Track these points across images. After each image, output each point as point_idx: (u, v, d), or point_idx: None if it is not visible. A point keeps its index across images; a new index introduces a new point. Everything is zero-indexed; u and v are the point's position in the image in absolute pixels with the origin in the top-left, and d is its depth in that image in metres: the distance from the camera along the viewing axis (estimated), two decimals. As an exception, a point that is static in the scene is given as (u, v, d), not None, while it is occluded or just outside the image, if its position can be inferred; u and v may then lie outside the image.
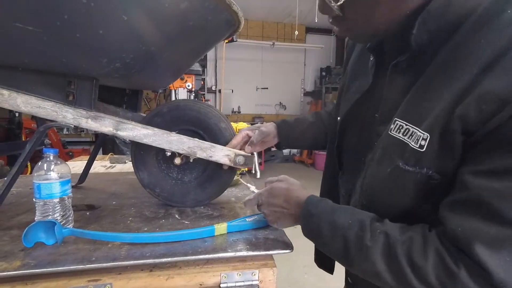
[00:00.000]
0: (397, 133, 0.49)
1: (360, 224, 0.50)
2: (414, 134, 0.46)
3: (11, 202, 0.94)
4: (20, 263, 0.57)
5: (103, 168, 1.64)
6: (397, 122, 0.50)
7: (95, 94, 0.72)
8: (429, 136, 0.44)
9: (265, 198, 0.68)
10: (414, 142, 0.46)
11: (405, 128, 0.48)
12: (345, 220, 0.52)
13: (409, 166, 0.46)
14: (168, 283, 0.60)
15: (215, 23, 0.76)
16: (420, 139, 0.45)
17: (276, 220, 0.67)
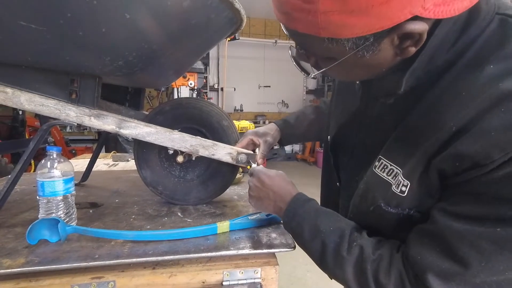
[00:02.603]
0: (381, 171, 0.51)
1: (340, 233, 0.53)
2: (397, 177, 0.48)
3: (15, 199, 0.95)
4: (24, 260, 0.58)
5: (106, 166, 1.64)
6: (382, 160, 0.51)
7: (98, 92, 0.73)
8: (409, 184, 0.46)
9: (259, 176, 0.68)
10: (396, 186, 0.48)
11: (390, 168, 0.49)
12: (327, 226, 0.54)
13: (391, 208, 0.49)
14: (170, 281, 0.60)
15: (218, 21, 0.75)
16: (401, 185, 0.47)
17: (257, 200, 0.68)
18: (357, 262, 0.49)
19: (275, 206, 0.64)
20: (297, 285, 2.31)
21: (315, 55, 0.49)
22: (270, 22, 7.12)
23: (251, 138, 0.86)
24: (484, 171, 0.38)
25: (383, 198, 0.50)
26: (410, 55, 0.43)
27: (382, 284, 0.46)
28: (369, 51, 0.42)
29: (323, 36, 0.41)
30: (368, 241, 0.51)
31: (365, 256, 0.49)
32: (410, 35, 0.40)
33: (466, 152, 0.38)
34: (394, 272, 0.46)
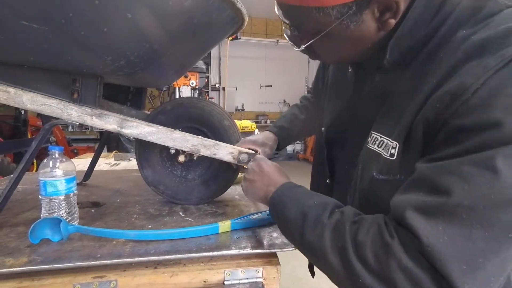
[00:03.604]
0: (373, 145, 0.53)
1: (323, 206, 0.51)
2: (386, 145, 0.49)
3: (17, 199, 0.95)
4: (26, 260, 0.58)
5: (108, 165, 1.65)
6: (373, 134, 0.53)
7: (99, 92, 0.73)
8: (398, 145, 0.47)
9: (260, 162, 0.70)
10: (386, 152, 0.49)
11: (380, 140, 0.51)
12: (311, 202, 0.53)
13: (383, 175, 0.50)
14: (172, 280, 0.61)
15: (219, 20, 0.75)
16: (391, 148, 0.48)
17: (250, 182, 0.69)
18: (335, 225, 0.46)
19: (266, 190, 0.63)
20: (299, 285, 2.31)
21: (306, 31, 0.52)
22: (271, 22, 7.11)
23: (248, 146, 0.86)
24: (462, 101, 0.38)
25: (376, 168, 0.51)
26: (391, 27, 0.48)
27: (360, 243, 0.42)
28: (353, 21, 0.47)
29: (312, 5, 0.46)
30: (351, 208, 0.49)
31: (344, 218, 0.46)
32: (389, 7, 0.46)
33: (445, 90, 0.41)
34: (373, 227, 0.42)
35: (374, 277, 0.40)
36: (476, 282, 0.35)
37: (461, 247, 0.35)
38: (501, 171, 0.35)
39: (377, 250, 0.40)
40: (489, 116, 0.36)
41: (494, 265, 0.35)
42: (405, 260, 0.37)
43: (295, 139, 1.00)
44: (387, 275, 0.38)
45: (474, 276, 0.35)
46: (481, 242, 0.35)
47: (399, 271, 0.37)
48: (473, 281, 0.35)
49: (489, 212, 0.35)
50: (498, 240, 0.35)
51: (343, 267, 0.43)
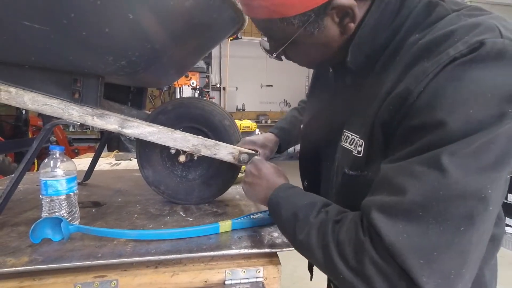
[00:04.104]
0: (345, 143, 0.56)
1: (312, 205, 0.53)
2: (356, 143, 0.53)
3: (18, 198, 0.95)
4: (27, 259, 0.58)
5: (109, 165, 1.65)
6: (345, 133, 0.57)
7: (100, 92, 0.73)
8: (363, 143, 0.51)
9: (258, 164, 0.72)
10: (355, 149, 0.53)
11: (351, 138, 0.55)
12: (302, 202, 0.55)
13: (352, 171, 0.53)
14: (173, 280, 0.61)
15: (220, 20, 0.75)
16: (358, 146, 0.52)
17: (249, 186, 0.71)
18: (321, 224, 0.49)
19: (265, 194, 0.65)
20: (299, 285, 2.31)
21: (276, 40, 0.57)
22: (272, 21, 7.10)
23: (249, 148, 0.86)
24: (409, 104, 0.42)
25: (347, 164, 0.55)
26: (352, 31, 0.52)
27: (340, 241, 0.44)
28: (315, 28, 0.51)
29: (275, 17, 0.50)
30: (335, 207, 0.52)
31: (328, 217, 0.49)
32: (346, 13, 0.49)
33: (396, 93, 0.44)
34: (351, 226, 0.45)
35: (352, 273, 0.42)
36: (434, 273, 0.37)
37: (417, 242, 0.38)
38: (447, 168, 0.37)
39: (354, 248, 0.43)
40: (433, 117, 0.39)
41: (451, 258, 0.38)
42: (375, 257, 0.40)
43: (296, 141, 1.00)
44: (362, 271, 0.41)
45: (431, 268, 0.37)
46: (435, 237, 0.37)
47: (372, 267, 0.40)
48: (431, 273, 0.37)
49: (441, 208, 0.37)
50: (451, 233, 0.37)
51: (327, 263, 0.46)
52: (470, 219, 0.37)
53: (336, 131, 0.61)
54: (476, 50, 0.39)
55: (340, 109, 0.63)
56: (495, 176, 0.38)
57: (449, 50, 0.40)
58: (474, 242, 0.38)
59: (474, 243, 0.38)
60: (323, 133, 0.70)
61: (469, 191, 0.37)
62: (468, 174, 0.37)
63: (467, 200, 0.37)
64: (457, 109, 0.38)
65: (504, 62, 0.38)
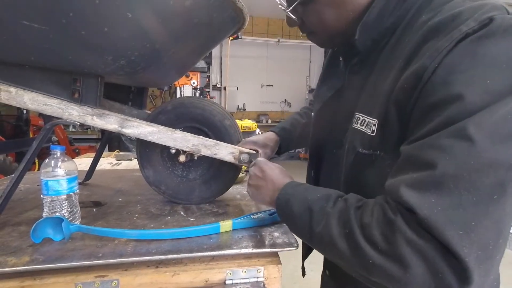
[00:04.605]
0: (357, 125, 0.57)
1: (326, 197, 0.53)
2: (368, 123, 0.54)
3: (19, 198, 0.95)
4: (28, 259, 0.58)
5: (109, 165, 1.65)
6: (357, 115, 0.57)
7: (100, 91, 0.73)
8: (377, 121, 0.51)
9: (261, 166, 0.71)
10: (368, 129, 0.53)
11: (362, 119, 0.55)
12: (314, 195, 0.54)
13: (366, 150, 0.54)
14: (174, 280, 0.61)
15: (220, 20, 0.75)
16: (372, 125, 0.52)
17: (255, 189, 0.70)
18: (340, 213, 0.48)
19: (272, 196, 0.64)
20: (300, 284, 2.32)
21: None
22: (273, 21, 7.11)
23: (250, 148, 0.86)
24: (424, 82, 0.43)
25: (360, 143, 0.55)
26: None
27: (366, 224, 0.43)
28: None
29: None
30: (354, 195, 0.51)
31: (348, 205, 0.48)
32: None
33: (409, 72, 0.45)
34: (377, 208, 0.44)
35: (383, 256, 0.41)
36: (473, 244, 0.37)
37: (453, 214, 0.37)
38: (474, 138, 0.37)
39: (383, 229, 0.41)
40: (451, 91, 0.40)
41: (487, 227, 0.37)
42: (409, 234, 0.39)
43: (296, 143, 1.00)
44: (395, 251, 0.39)
45: (470, 239, 0.37)
46: (471, 207, 0.37)
47: (405, 245, 0.39)
48: (471, 244, 0.36)
49: (473, 178, 0.37)
50: (485, 202, 0.37)
51: (352, 251, 0.44)
52: (502, 186, 0.37)
53: (346, 117, 0.62)
54: (486, 26, 0.40)
55: (350, 96, 0.63)
56: None
57: (461, 27, 0.41)
58: (508, 210, 0.38)
59: (508, 212, 0.38)
60: (332, 120, 0.70)
61: (499, 159, 0.37)
62: (495, 143, 0.37)
63: (498, 168, 0.37)
64: (474, 82, 0.39)
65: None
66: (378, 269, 0.41)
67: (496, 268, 0.39)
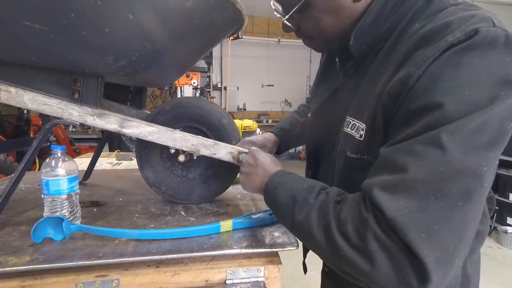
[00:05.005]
0: (347, 128, 0.58)
1: (310, 188, 0.54)
2: (357, 127, 0.55)
3: (20, 198, 0.95)
4: (29, 258, 0.58)
5: (110, 165, 1.65)
6: (348, 119, 0.59)
7: (100, 91, 0.73)
8: (365, 126, 0.53)
9: (255, 154, 0.72)
10: (357, 134, 0.55)
11: (352, 123, 0.57)
12: (300, 186, 0.56)
13: (354, 154, 0.56)
14: (174, 279, 0.61)
15: (220, 20, 0.75)
16: (360, 130, 0.54)
17: (246, 176, 0.71)
18: (321, 205, 0.49)
19: (261, 182, 0.65)
20: (301, 284, 2.32)
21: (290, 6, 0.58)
22: (273, 21, 7.10)
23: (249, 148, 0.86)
24: (409, 88, 0.44)
25: (349, 148, 0.57)
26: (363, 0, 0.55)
27: (342, 219, 0.45)
28: None
29: None
30: (335, 189, 0.53)
31: (329, 198, 0.50)
32: None
33: (396, 78, 0.46)
34: (353, 205, 0.46)
35: (354, 250, 0.43)
36: (433, 246, 0.39)
37: (418, 217, 0.39)
38: (446, 146, 0.39)
39: (356, 225, 0.44)
40: (431, 99, 0.41)
41: (449, 232, 0.39)
42: (379, 232, 0.41)
43: (296, 142, 1.01)
44: (365, 247, 0.42)
45: (431, 241, 0.39)
46: (435, 212, 0.39)
47: (374, 242, 0.41)
48: (431, 246, 0.38)
49: (441, 184, 0.39)
50: (450, 208, 0.39)
51: (327, 243, 0.47)
52: (468, 195, 0.39)
53: (340, 119, 0.63)
54: (471, 37, 0.41)
55: (344, 98, 0.65)
56: (489, 155, 0.40)
57: (447, 37, 0.43)
58: (471, 217, 0.40)
59: (471, 218, 0.40)
60: (328, 121, 0.71)
61: (467, 168, 0.39)
62: (466, 152, 0.39)
63: (465, 176, 0.39)
64: (454, 92, 0.41)
65: (497, 50, 0.41)
66: (349, 261, 0.43)
67: (455, 269, 0.41)
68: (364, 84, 0.57)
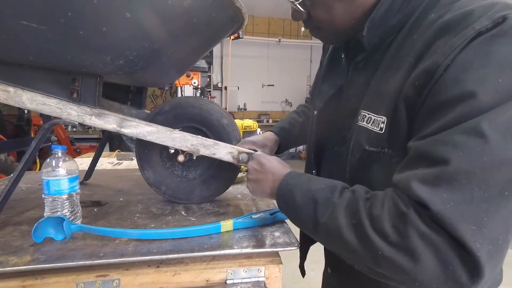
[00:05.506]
0: (362, 122, 0.57)
1: (331, 188, 0.52)
2: (375, 121, 0.53)
3: (20, 198, 0.96)
4: (30, 258, 0.58)
5: (110, 164, 1.65)
6: (362, 113, 0.57)
7: (99, 91, 0.72)
8: (386, 119, 0.51)
9: (259, 159, 0.71)
10: (376, 127, 0.53)
11: (368, 117, 0.55)
12: (318, 185, 0.54)
13: (373, 147, 0.54)
14: (175, 279, 0.61)
15: (219, 20, 0.75)
16: (380, 123, 0.52)
17: (254, 183, 0.69)
18: (348, 203, 0.48)
19: (272, 187, 0.64)
20: (301, 284, 2.31)
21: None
22: (273, 21, 7.10)
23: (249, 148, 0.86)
24: (436, 79, 0.43)
25: (367, 141, 0.55)
26: None
27: (376, 216, 0.43)
28: None
29: None
30: (361, 186, 0.51)
31: (357, 196, 0.48)
32: None
33: (420, 69, 0.45)
34: (387, 201, 0.44)
35: (394, 248, 0.41)
36: (485, 239, 0.37)
37: (466, 210, 0.38)
38: (488, 135, 0.38)
39: (394, 221, 0.41)
40: (463, 89, 0.40)
41: (498, 223, 0.38)
42: (422, 227, 0.39)
43: (295, 142, 1.00)
44: (407, 244, 0.40)
45: (482, 234, 0.37)
46: (483, 203, 0.38)
47: (418, 238, 0.39)
48: (483, 239, 0.37)
49: (485, 174, 0.38)
50: (496, 199, 0.38)
51: (361, 243, 0.44)
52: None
53: (349, 114, 0.62)
54: (499, 25, 0.40)
55: (353, 93, 0.63)
56: None
57: (474, 25, 0.41)
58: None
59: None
60: (335, 117, 0.70)
61: (510, 156, 0.38)
62: (508, 141, 0.38)
63: (509, 165, 0.38)
64: (486, 81, 0.39)
65: None
66: (388, 261, 0.41)
67: (503, 262, 0.40)
68: (377, 78, 0.56)
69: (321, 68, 0.83)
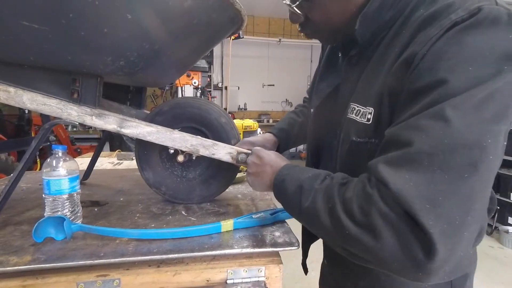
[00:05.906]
0: (351, 114, 0.58)
1: (316, 176, 0.54)
2: (363, 113, 0.55)
3: (21, 197, 0.96)
4: (30, 258, 0.58)
5: (111, 164, 1.65)
6: (351, 105, 0.59)
7: (99, 91, 0.73)
8: (373, 110, 0.53)
9: (258, 153, 0.72)
10: (363, 118, 0.55)
11: (357, 109, 0.57)
12: (307, 174, 0.56)
13: (361, 138, 0.56)
14: (175, 279, 0.61)
15: (219, 20, 0.75)
16: (367, 114, 0.54)
17: (254, 176, 0.71)
18: (326, 189, 0.50)
19: (271, 179, 0.65)
20: (302, 284, 2.31)
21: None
22: (274, 21, 7.09)
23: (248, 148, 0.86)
24: (413, 68, 0.44)
25: (355, 133, 0.57)
26: None
27: (346, 199, 0.46)
28: None
29: None
30: (340, 173, 0.53)
31: (334, 182, 0.50)
32: None
33: (402, 59, 0.47)
34: (358, 184, 0.46)
35: (359, 228, 0.43)
36: (439, 218, 0.38)
37: (424, 189, 0.39)
38: (451, 119, 0.39)
39: (361, 202, 0.44)
40: (436, 77, 0.42)
41: (455, 203, 0.39)
42: (383, 207, 0.41)
43: (294, 142, 1.01)
44: (369, 223, 0.42)
45: (436, 213, 0.38)
46: (441, 184, 0.39)
47: (379, 217, 0.41)
48: (437, 217, 0.38)
49: (447, 156, 0.39)
50: (456, 180, 0.39)
51: (333, 225, 0.47)
52: (473, 166, 0.39)
53: (342, 109, 0.63)
54: (474, 15, 0.42)
55: (347, 89, 0.65)
56: (494, 128, 0.40)
57: (451, 16, 0.43)
58: (478, 189, 0.40)
59: (478, 190, 0.40)
60: (329, 116, 0.71)
61: (472, 140, 0.39)
62: (470, 125, 0.39)
63: (471, 148, 0.39)
64: (458, 68, 0.41)
65: (500, 27, 0.42)
66: (354, 240, 0.43)
67: (465, 245, 0.40)
68: (368, 71, 0.58)
69: (319, 67, 0.83)
